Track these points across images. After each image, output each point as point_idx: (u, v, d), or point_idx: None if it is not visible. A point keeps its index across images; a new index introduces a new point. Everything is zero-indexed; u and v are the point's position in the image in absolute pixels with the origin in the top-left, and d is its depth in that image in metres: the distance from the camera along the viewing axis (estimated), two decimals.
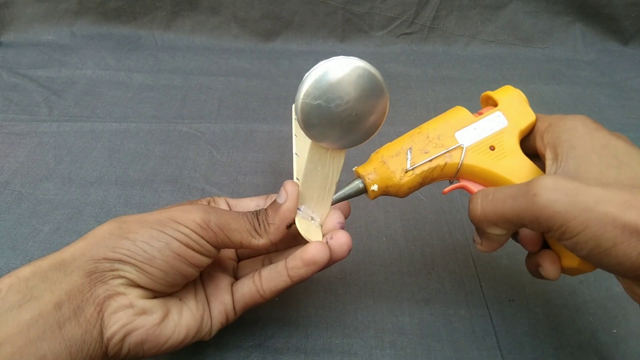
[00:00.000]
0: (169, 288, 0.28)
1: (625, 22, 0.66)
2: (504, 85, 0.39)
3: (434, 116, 0.36)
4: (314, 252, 0.29)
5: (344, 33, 0.68)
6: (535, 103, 0.59)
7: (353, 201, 0.46)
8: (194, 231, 0.27)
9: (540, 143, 0.29)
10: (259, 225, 0.29)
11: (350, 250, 0.30)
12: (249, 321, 0.35)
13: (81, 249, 0.26)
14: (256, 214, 0.30)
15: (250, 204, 0.34)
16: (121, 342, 0.26)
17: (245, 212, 0.30)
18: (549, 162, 0.27)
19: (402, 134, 0.57)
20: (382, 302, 0.37)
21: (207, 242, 0.28)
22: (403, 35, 0.68)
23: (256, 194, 0.45)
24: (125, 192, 0.45)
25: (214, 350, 0.33)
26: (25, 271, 0.24)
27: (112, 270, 0.26)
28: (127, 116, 0.55)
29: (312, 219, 0.31)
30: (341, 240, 0.30)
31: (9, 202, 0.44)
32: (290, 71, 0.63)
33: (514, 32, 0.68)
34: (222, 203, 0.33)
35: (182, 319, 0.28)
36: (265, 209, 0.30)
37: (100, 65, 0.63)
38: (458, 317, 0.36)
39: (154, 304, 0.27)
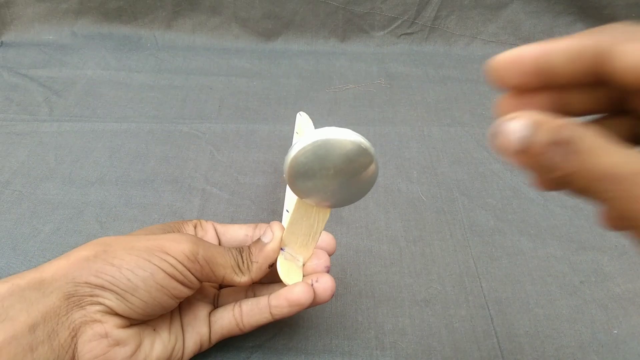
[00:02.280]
0: (146, 317, 0.27)
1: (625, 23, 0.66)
2: None
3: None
4: (299, 294, 0.29)
5: (345, 33, 0.68)
6: None
7: None
8: (181, 262, 0.27)
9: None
10: (242, 262, 0.29)
11: (333, 295, 0.30)
12: None
13: (63, 270, 0.25)
14: (240, 250, 0.30)
15: (239, 232, 0.33)
16: None
17: (230, 248, 0.30)
18: None
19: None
20: (382, 303, 0.37)
21: (193, 274, 0.27)
22: (404, 35, 0.68)
23: (257, 194, 0.45)
24: (126, 192, 0.45)
25: (214, 351, 0.33)
26: (2, 289, 0.24)
27: (92, 296, 0.25)
28: (127, 116, 0.55)
29: (296, 258, 0.31)
30: (326, 285, 0.30)
31: (10, 202, 0.44)
32: (291, 71, 0.63)
33: (515, 32, 0.68)
34: (209, 227, 0.33)
35: (153, 351, 0.27)
36: (249, 247, 0.30)
37: (101, 65, 0.63)
38: (459, 318, 0.36)
39: (129, 334, 0.26)
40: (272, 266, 0.30)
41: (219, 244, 0.33)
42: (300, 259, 0.31)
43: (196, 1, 0.65)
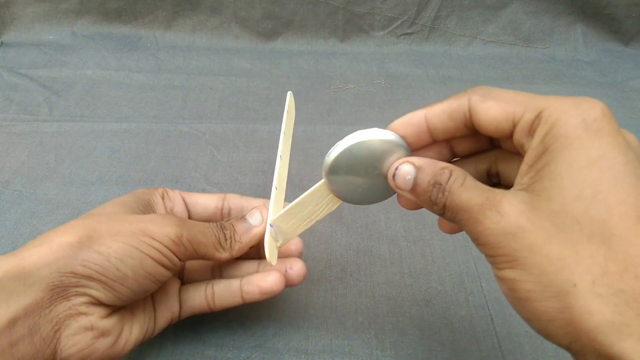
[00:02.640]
0: (127, 303, 0.27)
1: (626, 23, 0.66)
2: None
3: None
4: (272, 284, 0.29)
5: (345, 33, 0.68)
6: None
7: None
8: (166, 247, 0.26)
9: (524, 139, 0.21)
10: (225, 240, 0.29)
11: (304, 279, 0.31)
12: (250, 322, 0.35)
13: (45, 258, 0.23)
14: (222, 227, 0.30)
15: (209, 204, 0.33)
16: None
17: (211, 225, 0.29)
18: (524, 168, 0.21)
19: None
20: (382, 302, 0.37)
21: (177, 257, 0.27)
22: (404, 35, 0.68)
23: (257, 194, 0.45)
24: (126, 192, 0.45)
25: (214, 350, 0.33)
26: None
27: (77, 287, 0.23)
28: (127, 116, 0.55)
29: (277, 239, 0.31)
30: (300, 272, 0.31)
31: (10, 202, 0.44)
32: (291, 71, 0.63)
33: (515, 32, 0.68)
34: (177, 197, 0.32)
35: (132, 335, 0.27)
36: (233, 225, 0.30)
37: (101, 65, 0.63)
38: (459, 318, 0.36)
39: (112, 323, 0.25)
40: (253, 247, 0.31)
41: (189, 216, 0.32)
42: (281, 240, 0.31)
43: (196, 1, 0.65)
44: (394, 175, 0.25)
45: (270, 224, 0.30)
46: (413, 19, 0.67)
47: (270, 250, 0.30)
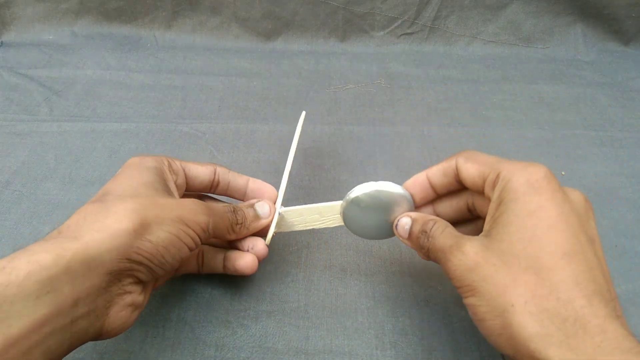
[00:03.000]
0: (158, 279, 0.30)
1: (626, 23, 0.66)
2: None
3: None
4: (244, 267, 0.34)
5: (345, 33, 0.68)
6: (536, 103, 0.59)
7: None
8: (197, 235, 0.29)
9: (489, 192, 0.28)
10: (237, 224, 0.33)
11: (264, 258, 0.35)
12: (250, 321, 0.35)
13: (107, 245, 0.25)
14: (235, 211, 0.33)
15: (204, 177, 0.36)
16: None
17: (227, 209, 0.33)
18: (488, 218, 0.27)
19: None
20: (382, 302, 0.37)
21: (201, 240, 0.30)
22: (404, 35, 0.68)
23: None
24: None
25: (214, 350, 0.33)
26: (46, 259, 0.23)
27: (129, 270, 0.26)
28: (127, 116, 0.55)
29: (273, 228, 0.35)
30: (261, 251, 0.35)
31: (10, 202, 0.44)
32: (291, 71, 0.63)
33: (515, 32, 0.68)
34: (179, 170, 0.34)
35: (146, 299, 0.30)
36: (244, 211, 0.34)
37: (101, 65, 0.63)
38: (459, 318, 0.36)
39: (144, 296, 0.29)
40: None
41: (186, 186, 0.35)
42: (273, 230, 0.35)
43: (196, 1, 0.65)
44: (396, 226, 0.32)
45: (279, 212, 0.35)
46: (413, 19, 0.67)
47: (270, 234, 0.35)
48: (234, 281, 0.38)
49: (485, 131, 0.54)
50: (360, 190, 0.32)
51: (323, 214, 0.35)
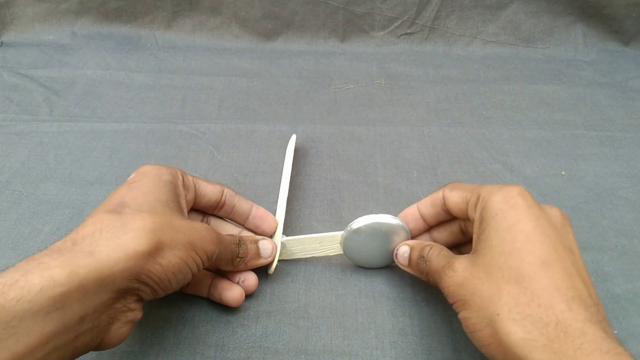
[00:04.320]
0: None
1: (626, 23, 0.66)
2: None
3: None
4: (232, 299, 0.34)
5: (345, 33, 0.68)
6: (536, 103, 0.59)
7: (356, 200, 0.46)
8: (203, 261, 0.30)
9: (472, 214, 0.30)
10: (238, 257, 0.34)
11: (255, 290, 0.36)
12: (250, 322, 0.35)
13: (122, 265, 0.24)
14: (239, 244, 0.34)
15: (212, 196, 0.36)
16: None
17: (233, 241, 0.33)
18: (474, 237, 0.29)
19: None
20: (382, 302, 0.37)
21: (204, 267, 0.30)
22: (404, 35, 0.68)
23: (257, 194, 0.45)
24: None
25: (214, 350, 0.33)
26: (60, 275, 0.22)
27: (136, 289, 0.26)
28: (127, 116, 0.55)
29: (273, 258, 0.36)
30: (252, 286, 0.36)
31: (9, 202, 0.44)
32: (291, 71, 0.63)
33: (515, 32, 0.68)
34: (191, 186, 0.34)
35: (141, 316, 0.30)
36: (247, 246, 0.34)
37: (101, 65, 0.63)
38: (459, 318, 0.36)
39: (141, 312, 0.28)
40: None
41: (194, 202, 0.35)
42: (272, 259, 0.36)
43: (196, 1, 0.65)
44: (396, 255, 0.35)
45: (281, 242, 0.37)
46: (413, 19, 0.67)
47: (274, 265, 0.36)
48: None
49: (485, 131, 0.54)
50: (361, 222, 0.35)
51: (324, 243, 0.37)
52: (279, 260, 0.37)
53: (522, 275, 0.25)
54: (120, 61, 0.64)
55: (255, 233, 0.38)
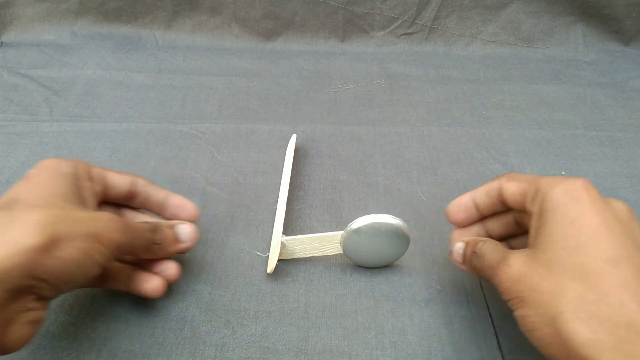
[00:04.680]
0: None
1: (626, 23, 0.66)
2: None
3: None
4: (151, 290, 0.33)
5: (345, 33, 0.68)
6: (536, 103, 0.59)
7: (356, 200, 0.46)
8: (111, 252, 0.28)
9: (530, 207, 0.28)
10: (154, 244, 0.32)
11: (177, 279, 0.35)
12: (250, 322, 0.35)
13: (11, 261, 0.23)
14: (154, 230, 0.32)
15: (122, 188, 0.34)
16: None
17: (146, 228, 0.31)
18: (531, 231, 0.28)
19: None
20: (382, 302, 0.37)
21: (113, 257, 0.28)
22: (404, 35, 0.68)
23: (257, 195, 0.45)
24: None
25: (214, 350, 0.33)
26: None
27: (33, 287, 0.24)
28: (127, 116, 0.55)
29: (267, 255, 0.37)
30: (174, 274, 0.34)
31: None
32: (291, 71, 0.63)
33: (515, 32, 0.68)
34: (99, 179, 0.33)
35: (46, 315, 0.28)
36: (164, 231, 0.32)
37: (101, 65, 0.63)
38: (459, 318, 0.36)
39: (46, 311, 0.27)
40: None
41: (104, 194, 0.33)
42: (268, 256, 0.37)
43: (196, 1, 0.65)
44: (452, 252, 0.33)
45: (281, 241, 0.37)
46: (413, 19, 0.67)
47: (272, 263, 0.36)
48: (234, 281, 0.38)
49: (485, 131, 0.54)
50: (361, 222, 0.35)
51: (324, 243, 0.37)
52: (279, 260, 0.37)
53: (588, 272, 0.23)
54: (120, 61, 0.64)
55: None
